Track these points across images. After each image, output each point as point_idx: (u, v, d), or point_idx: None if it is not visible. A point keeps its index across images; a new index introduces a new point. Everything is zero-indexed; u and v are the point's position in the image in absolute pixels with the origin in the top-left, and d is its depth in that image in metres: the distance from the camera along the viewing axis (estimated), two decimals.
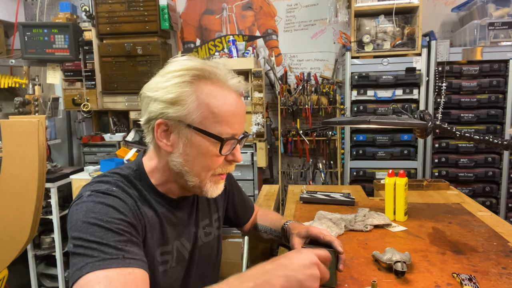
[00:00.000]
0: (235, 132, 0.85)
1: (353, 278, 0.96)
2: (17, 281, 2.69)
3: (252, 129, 2.78)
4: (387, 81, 2.59)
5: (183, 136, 0.83)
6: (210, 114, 0.82)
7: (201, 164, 0.85)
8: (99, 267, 0.68)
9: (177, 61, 0.86)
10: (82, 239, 0.72)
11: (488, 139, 1.14)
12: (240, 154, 0.89)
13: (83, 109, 2.96)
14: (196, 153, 0.83)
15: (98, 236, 0.71)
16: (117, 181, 0.85)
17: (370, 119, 1.10)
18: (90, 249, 0.70)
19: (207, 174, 0.86)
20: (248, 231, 1.29)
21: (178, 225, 0.93)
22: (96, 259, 0.69)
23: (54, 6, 3.38)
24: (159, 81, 0.84)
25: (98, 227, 0.73)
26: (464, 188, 2.60)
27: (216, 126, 0.82)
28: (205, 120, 0.82)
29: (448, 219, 1.38)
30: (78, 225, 0.74)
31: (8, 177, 1.99)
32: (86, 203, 0.77)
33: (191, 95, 0.81)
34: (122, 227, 0.75)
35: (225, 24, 3.28)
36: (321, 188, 2.04)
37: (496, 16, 2.53)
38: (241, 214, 1.23)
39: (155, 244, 0.86)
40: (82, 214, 0.75)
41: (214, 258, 1.06)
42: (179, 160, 0.84)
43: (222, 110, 0.82)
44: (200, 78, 0.83)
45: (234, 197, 1.20)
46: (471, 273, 0.96)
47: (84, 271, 0.68)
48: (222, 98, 0.83)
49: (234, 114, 0.84)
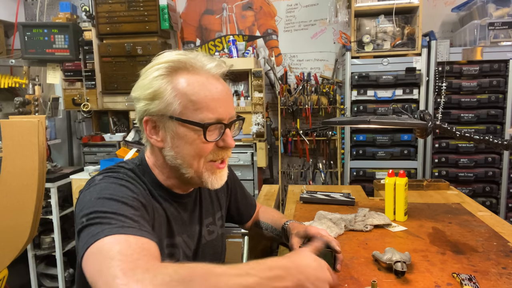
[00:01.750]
0: (219, 116, 0.84)
1: (353, 278, 0.96)
2: (17, 281, 2.69)
3: (252, 129, 2.78)
4: (387, 81, 2.59)
5: (168, 129, 0.84)
6: (189, 102, 0.82)
7: (190, 154, 0.85)
8: (117, 232, 0.67)
9: (155, 57, 0.87)
10: (98, 211, 0.71)
11: (488, 139, 1.14)
12: (231, 139, 0.88)
13: (83, 109, 2.96)
14: (184, 144, 0.84)
15: (115, 208, 0.72)
16: (126, 171, 0.87)
17: (370, 119, 1.10)
18: (106, 218, 0.70)
19: (199, 163, 0.86)
20: (250, 227, 1.30)
21: (182, 221, 0.94)
22: (115, 226, 0.68)
23: (54, 6, 3.38)
24: (140, 80, 0.86)
25: (114, 201, 0.74)
26: (464, 188, 2.60)
27: (197, 113, 0.82)
28: (185, 110, 0.82)
29: (448, 219, 1.38)
30: (92, 201, 0.74)
31: (8, 177, 1.99)
32: (100, 184, 0.79)
33: (168, 87, 0.82)
34: (136, 203, 0.77)
35: (225, 24, 3.28)
36: (321, 188, 2.04)
37: (496, 16, 2.53)
38: (244, 212, 1.24)
39: (163, 234, 0.87)
40: (96, 192, 0.76)
41: (218, 257, 1.07)
42: (171, 153, 0.86)
43: (199, 97, 0.82)
44: (176, 69, 0.83)
45: (236, 194, 1.20)
46: (471, 273, 0.96)
47: (102, 235, 0.66)
48: (199, 84, 0.83)
49: (214, 98, 0.83)
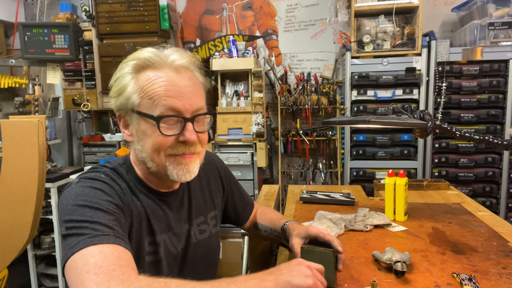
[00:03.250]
0: (174, 107, 0.83)
1: (353, 278, 0.96)
2: (17, 281, 2.69)
3: (252, 129, 2.78)
4: (387, 81, 2.59)
5: (133, 123, 0.88)
6: (145, 95, 0.84)
7: (150, 147, 0.86)
8: (91, 243, 0.70)
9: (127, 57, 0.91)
10: (73, 220, 0.74)
11: (488, 139, 1.14)
12: (190, 133, 0.85)
13: (83, 109, 2.96)
14: (145, 137, 0.86)
15: (89, 216, 0.74)
16: (106, 170, 0.89)
17: (370, 119, 1.10)
18: (81, 228, 0.72)
19: (159, 156, 0.86)
20: (249, 229, 1.29)
21: (165, 219, 0.93)
22: (89, 236, 0.71)
23: (54, 6, 3.38)
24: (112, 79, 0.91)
25: (88, 208, 0.76)
26: (464, 188, 2.60)
27: (153, 107, 0.83)
28: (142, 101, 0.84)
29: (448, 219, 1.38)
30: (68, 208, 0.77)
31: (8, 177, 1.99)
32: (75, 188, 0.81)
33: (130, 83, 0.86)
34: (110, 207, 0.79)
35: (225, 24, 3.28)
36: (321, 188, 2.04)
37: (496, 16, 2.53)
38: (241, 212, 1.23)
39: (144, 233, 0.88)
40: (71, 198, 0.79)
41: (211, 256, 1.06)
42: (138, 147, 0.88)
43: (154, 89, 0.84)
44: (140, 67, 0.86)
45: (233, 195, 1.20)
46: (471, 273, 0.96)
47: (78, 248, 0.69)
48: (157, 77, 0.84)
49: (168, 89, 0.83)
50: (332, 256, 0.91)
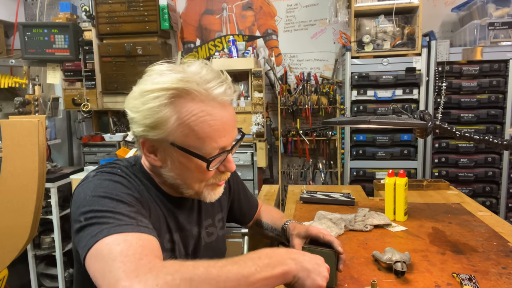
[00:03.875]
0: (222, 145, 0.82)
1: (353, 278, 0.96)
2: (17, 281, 2.69)
3: (252, 129, 2.78)
4: (387, 81, 2.59)
5: (169, 153, 0.82)
6: (192, 133, 0.78)
7: (191, 178, 0.84)
8: (116, 231, 0.67)
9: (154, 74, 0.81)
10: (94, 210, 0.72)
11: (488, 139, 1.14)
12: (232, 164, 0.87)
13: (83, 109, 2.96)
14: (185, 169, 0.83)
15: (111, 207, 0.72)
16: (121, 167, 0.88)
17: (370, 119, 1.10)
18: (104, 217, 0.70)
19: (200, 186, 0.86)
20: (251, 226, 1.30)
21: (179, 220, 0.93)
22: (112, 225, 0.69)
23: (54, 6, 3.38)
24: (137, 102, 0.80)
25: (109, 199, 0.74)
26: (464, 188, 2.60)
27: (199, 144, 0.79)
28: (187, 139, 0.79)
29: (448, 219, 1.38)
30: (87, 200, 0.74)
31: (8, 177, 1.99)
32: (93, 181, 0.79)
33: (171, 117, 0.77)
34: (131, 199, 0.77)
35: (225, 24, 3.27)
36: (321, 188, 2.04)
37: (496, 16, 2.53)
38: (246, 212, 1.24)
39: (162, 230, 0.88)
40: (90, 190, 0.76)
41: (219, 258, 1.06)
42: (170, 174, 0.85)
43: (203, 128, 0.78)
44: (179, 96, 0.78)
45: (240, 196, 1.20)
46: (471, 273, 0.96)
47: (101, 236, 0.67)
48: (203, 114, 0.78)
49: (219, 130, 0.80)
50: (333, 256, 0.91)
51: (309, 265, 0.74)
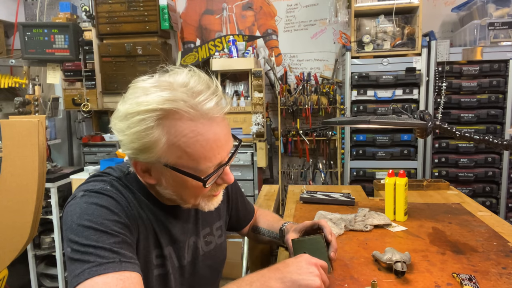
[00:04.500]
0: (218, 162, 0.79)
1: (353, 278, 0.96)
2: (17, 281, 2.69)
3: (252, 129, 2.78)
4: (387, 81, 2.59)
5: (163, 173, 0.80)
6: (184, 154, 0.75)
7: (188, 194, 0.83)
8: (96, 273, 0.68)
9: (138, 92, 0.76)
10: (78, 243, 0.72)
11: (488, 139, 1.14)
12: (229, 176, 0.84)
13: (83, 109, 2.96)
14: (181, 187, 0.81)
15: (94, 240, 0.71)
16: (112, 180, 0.84)
17: (370, 119, 1.10)
18: (86, 254, 0.70)
19: (196, 199, 0.85)
20: (247, 233, 1.28)
21: (171, 232, 0.90)
22: (93, 264, 0.69)
23: (54, 6, 3.38)
24: (123, 125, 0.76)
25: (93, 230, 0.73)
26: (464, 188, 2.60)
27: (193, 163, 0.76)
28: (180, 160, 0.76)
29: (448, 219, 1.38)
30: (73, 228, 0.74)
31: (8, 177, 1.99)
32: (80, 204, 0.77)
33: (159, 140, 0.74)
34: (116, 228, 0.75)
35: (225, 24, 3.27)
36: (321, 188, 2.04)
37: (496, 16, 2.53)
38: (243, 219, 1.23)
39: (151, 246, 0.86)
40: (76, 216, 0.75)
41: (218, 266, 1.05)
42: (166, 191, 0.83)
43: (196, 149, 0.75)
44: (166, 118, 0.73)
45: (237, 203, 1.18)
46: (471, 273, 0.96)
47: (82, 278, 0.68)
48: (194, 135, 0.74)
49: (212, 148, 0.76)
50: (321, 240, 0.92)
51: (295, 276, 0.73)
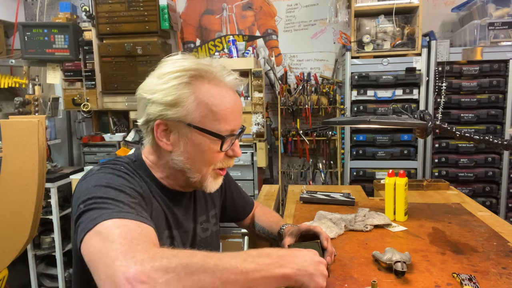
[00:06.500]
0: (233, 128, 0.88)
1: (353, 278, 0.96)
2: (17, 281, 2.69)
3: (252, 129, 2.78)
4: (387, 81, 2.59)
5: (183, 135, 0.85)
6: (209, 113, 0.84)
7: (202, 161, 0.88)
8: (117, 216, 0.68)
9: (173, 61, 0.87)
10: (95, 197, 0.72)
11: (488, 139, 1.14)
12: (239, 148, 0.93)
13: (83, 109, 2.96)
14: (198, 151, 0.86)
15: (112, 195, 0.73)
16: (123, 163, 0.89)
17: (370, 119, 1.10)
18: (105, 203, 0.71)
19: (208, 169, 0.90)
20: (248, 226, 1.31)
21: (177, 216, 0.95)
22: (113, 210, 0.69)
23: (54, 6, 3.38)
24: (156, 83, 0.84)
25: (112, 189, 0.75)
26: (464, 188, 2.60)
27: (215, 124, 0.85)
28: (204, 119, 0.84)
29: (448, 219, 1.38)
30: (89, 189, 0.75)
31: (8, 177, 1.99)
32: (96, 174, 0.81)
33: (190, 96, 0.83)
34: (133, 192, 0.79)
35: (225, 24, 3.27)
36: (321, 188, 2.04)
37: (496, 16, 2.53)
38: (241, 210, 1.25)
39: (162, 226, 0.89)
40: (93, 181, 0.78)
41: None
42: (180, 158, 0.87)
43: (220, 108, 0.85)
44: (197, 78, 0.84)
45: (232, 194, 1.21)
46: (471, 273, 0.96)
47: (101, 219, 0.67)
48: (220, 96, 0.85)
49: (233, 111, 0.87)
50: (317, 246, 0.93)
51: (312, 269, 0.75)
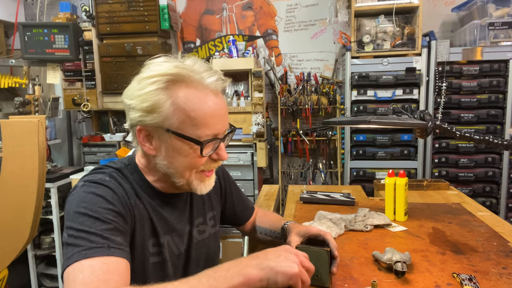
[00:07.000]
0: (216, 132, 0.86)
1: (353, 278, 0.96)
2: (17, 281, 2.69)
3: (252, 129, 2.78)
4: (387, 81, 2.59)
5: (164, 140, 0.85)
6: (187, 118, 0.82)
7: (183, 166, 0.87)
8: (84, 256, 0.73)
9: (152, 65, 0.87)
10: (73, 228, 0.77)
11: (488, 139, 1.14)
12: (224, 152, 0.90)
13: (83, 109, 2.96)
14: (178, 156, 0.86)
15: (87, 225, 0.76)
16: (112, 171, 0.90)
17: (370, 119, 1.10)
18: (78, 238, 0.75)
19: (191, 173, 0.89)
20: (249, 232, 1.29)
21: (169, 221, 0.95)
22: (83, 248, 0.74)
23: (54, 6, 3.38)
24: (136, 88, 0.85)
25: (87, 217, 0.78)
26: (464, 188, 2.60)
27: (194, 129, 0.83)
28: (182, 125, 0.83)
29: (448, 219, 1.38)
30: (71, 214, 0.80)
31: (8, 177, 1.99)
32: (79, 193, 0.83)
33: (166, 101, 0.82)
34: (110, 216, 0.80)
35: (225, 24, 3.27)
36: (321, 188, 2.04)
37: (496, 16, 2.53)
38: (241, 214, 1.23)
39: (147, 235, 0.89)
40: (74, 204, 0.81)
41: (212, 256, 1.08)
42: (163, 162, 0.88)
43: (198, 114, 0.83)
44: (175, 82, 0.83)
45: (232, 197, 1.20)
46: (471, 273, 0.96)
47: (72, 260, 0.73)
48: (198, 100, 0.83)
49: (213, 115, 0.84)
50: (326, 255, 0.90)
51: (272, 262, 0.74)
